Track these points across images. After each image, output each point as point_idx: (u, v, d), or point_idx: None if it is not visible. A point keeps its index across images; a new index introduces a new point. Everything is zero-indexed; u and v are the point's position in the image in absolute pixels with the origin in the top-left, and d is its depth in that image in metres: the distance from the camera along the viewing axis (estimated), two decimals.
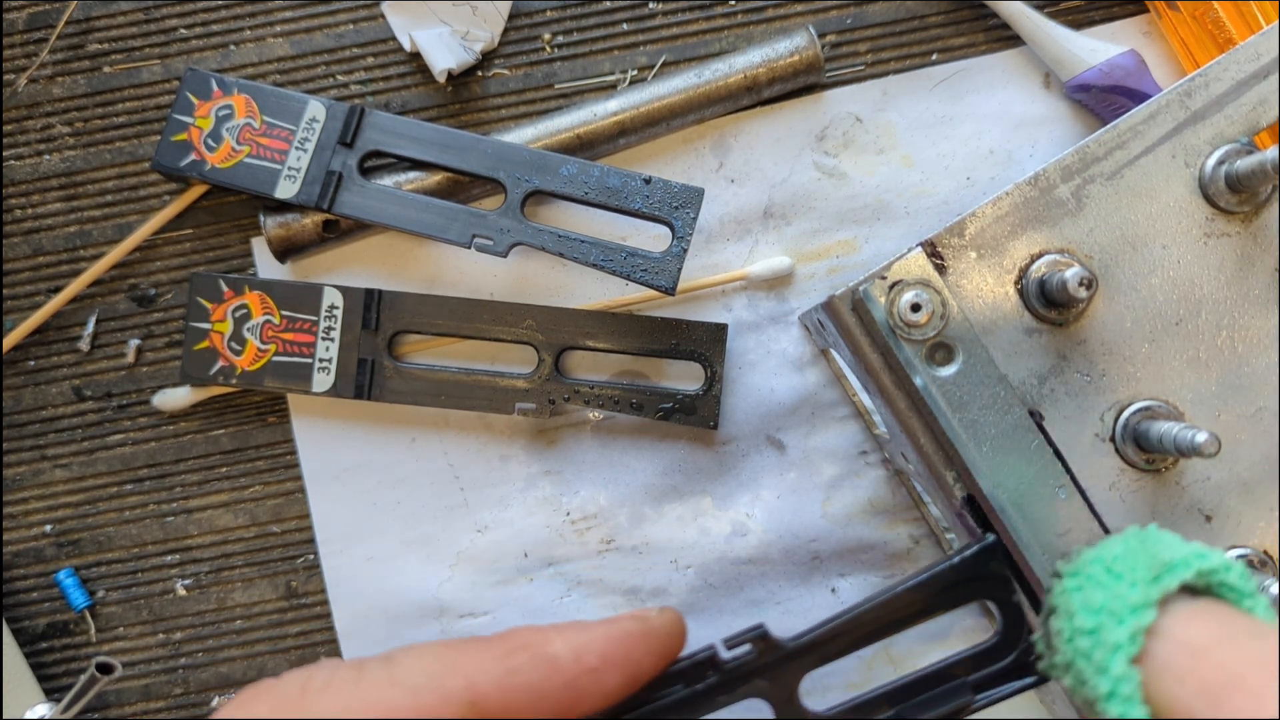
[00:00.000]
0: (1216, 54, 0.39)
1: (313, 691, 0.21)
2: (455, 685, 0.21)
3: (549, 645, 0.22)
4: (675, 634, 0.23)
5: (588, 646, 0.22)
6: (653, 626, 0.22)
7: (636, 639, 0.22)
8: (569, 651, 0.22)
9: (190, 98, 0.40)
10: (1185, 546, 0.23)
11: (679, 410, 0.40)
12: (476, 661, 0.21)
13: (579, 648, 0.22)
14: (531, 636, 0.22)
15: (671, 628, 0.23)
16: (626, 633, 0.22)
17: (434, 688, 0.21)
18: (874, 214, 0.42)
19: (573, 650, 0.22)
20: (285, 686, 0.21)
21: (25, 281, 0.42)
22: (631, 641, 0.22)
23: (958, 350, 0.32)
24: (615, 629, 0.22)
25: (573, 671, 0.21)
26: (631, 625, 0.22)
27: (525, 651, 0.22)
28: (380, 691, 0.21)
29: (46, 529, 0.42)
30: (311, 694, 0.21)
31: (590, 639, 0.22)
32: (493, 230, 0.39)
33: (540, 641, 0.22)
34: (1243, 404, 0.33)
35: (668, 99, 0.40)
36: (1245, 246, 0.33)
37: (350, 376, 0.40)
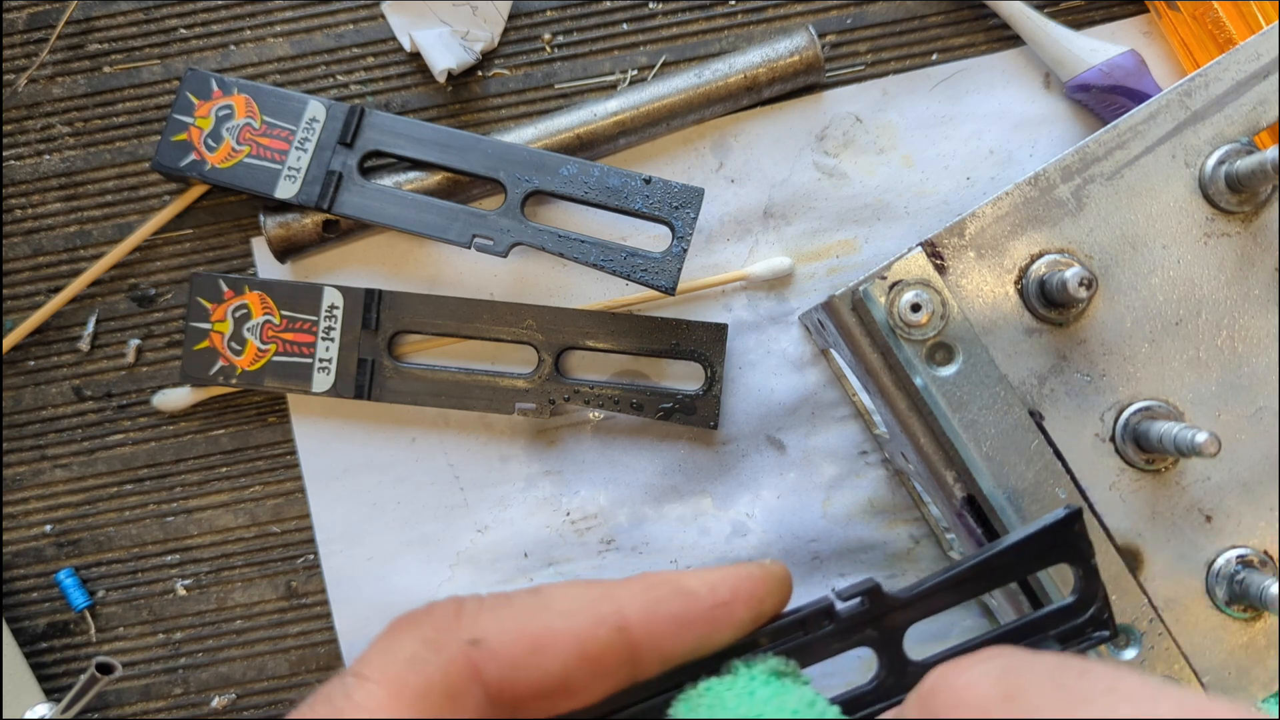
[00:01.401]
0: (1216, 54, 0.39)
1: (469, 613, 0.22)
2: (606, 610, 0.22)
3: (685, 580, 0.23)
4: (787, 581, 0.24)
5: (720, 583, 0.23)
6: (770, 571, 0.24)
7: (760, 580, 0.24)
8: (704, 585, 0.23)
9: (190, 98, 0.40)
10: None
11: (679, 410, 0.40)
12: (621, 590, 0.23)
13: (713, 583, 0.23)
14: (667, 574, 0.23)
15: (785, 575, 0.24)
16: (751, 574, 0.24)
17: (585, 611, 0.22)
18: (874, 214, 0.42)
19: (707, 585, 0.23)
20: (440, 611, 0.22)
21: (25, 281, 0.42)
22: (756, 582, 0.23)
23: (958, 350, 0.32)
24: (743, 570, 0.24)
25: (709, 602, 0.23)
26: (755, 569, 0.24)
27: (665, 585, 0.23)
28: (536, 614, 0.22)
29: (46, 529, 0.42)
30: (469, 615, 0.22)
31: (721, 577, 0.23)
32: (493, 230, 0.39)
33: (677, 578, 0.23)
34: (1243, 404, 0.33)
35: (668, 99, 0.40)
36: (1245, 246, 0.33)
37: (350, 376, 0.40)
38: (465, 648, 0.21)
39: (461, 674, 0.21)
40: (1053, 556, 0.26)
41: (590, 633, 0.22)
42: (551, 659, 0.21)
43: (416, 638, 0.21)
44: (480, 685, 0.21)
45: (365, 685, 0.20)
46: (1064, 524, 0.25)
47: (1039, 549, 0.25)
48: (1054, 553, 0.26)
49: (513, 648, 0.21)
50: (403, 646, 0.21)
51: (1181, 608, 0.32)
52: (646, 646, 0.22)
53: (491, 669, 0.21)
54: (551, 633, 0.22)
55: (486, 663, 0.21)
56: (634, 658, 0.22)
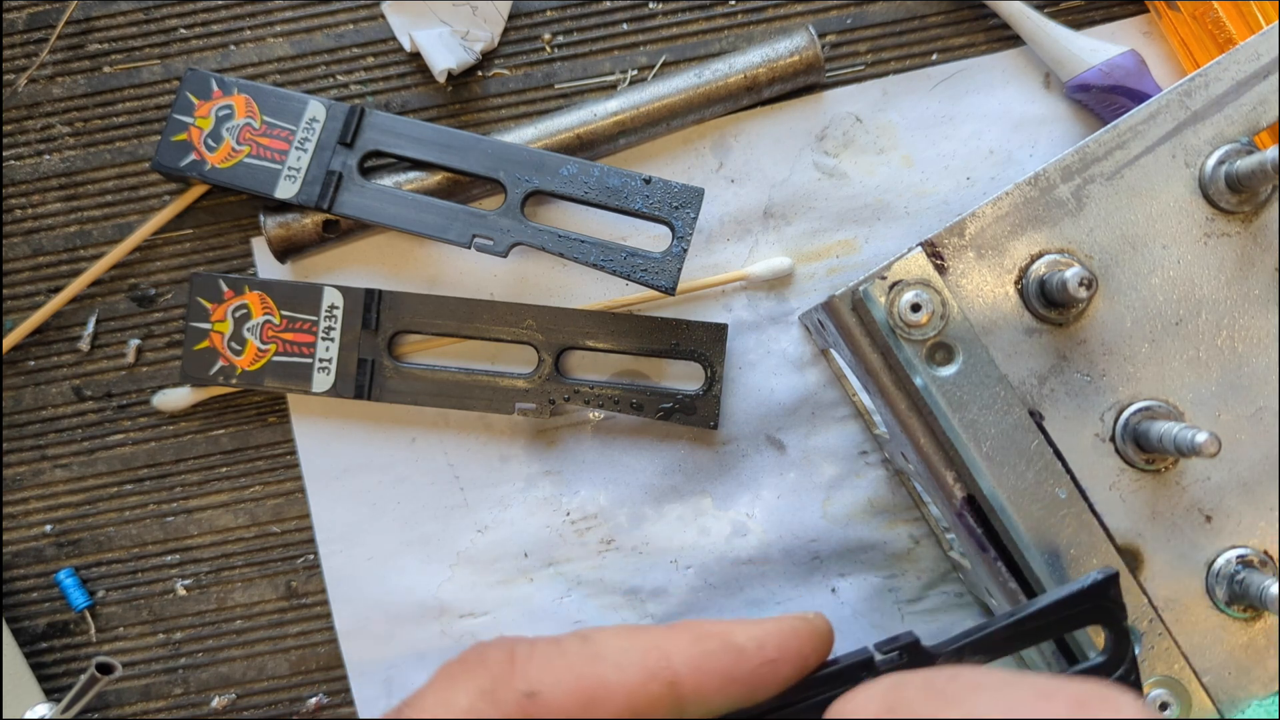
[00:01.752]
0: (1216, 54, 0.39)
1: (522, 662, 0.22)
2: (656, 663, 0.22)
3: (734, 636, 0.23)
4: (830, 636, 0.25)
5: (768, 639, 0.23)
6: (815, 627, 0.24)
7: (805, 637, 0.24)
8: (752, 642, 0.23)
9: (190, 98, 0.40)
10: None
11: (679, 410, 0.40)
12: (671, 643, 0.23)
13: (761, 640, 0.23)
14: (715, 626, 0.24)
15: (827, 631, 0.25)
16: (797, 630, 0.24)
17: (637, 664, 0.22)
18: (874, 214, 0.42)
19: (756, 642, 0.23)
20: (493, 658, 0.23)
21: (25, 281, 0.42)
22: (802, 639, 0.24)
23: (958, 350, 0.32)
24: (788, 625, 0.24)
25: (756, 660, 0.23)
26: (800, 624, 0.24)
27: (715, 639, 0.23)
28: (588, 664, 0.22)
29: (46, 529, 0.42)
30: (521, 665, 0.22)
31: (768, 633, 0.23)
32: (493, 230, 0.39)
33: (726, 632, 0.23)
34: (1243, 404, 0.33)
35: (668, 99, 0.40)
36: (1245, 246, 0.33)
37: (350, 376, 0.40)
38: (522, 700, 0.21)
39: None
40: (1087, 618, 0.26)
41: (641, 687, 0.22)
42: (602, 711, 0.22)
43: (473, 689, 0.22)
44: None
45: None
46: (1101, 587, 0.26)
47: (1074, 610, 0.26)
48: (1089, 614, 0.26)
49: (566, 700, 0.22)
50: (459, 697, 0.22)
51: (1181, 608, 0.32)
52: (692, 700, 0.22)
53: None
54: (605, 686, 0.22)
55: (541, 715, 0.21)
56: (680, 710, 0.22)
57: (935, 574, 0.41)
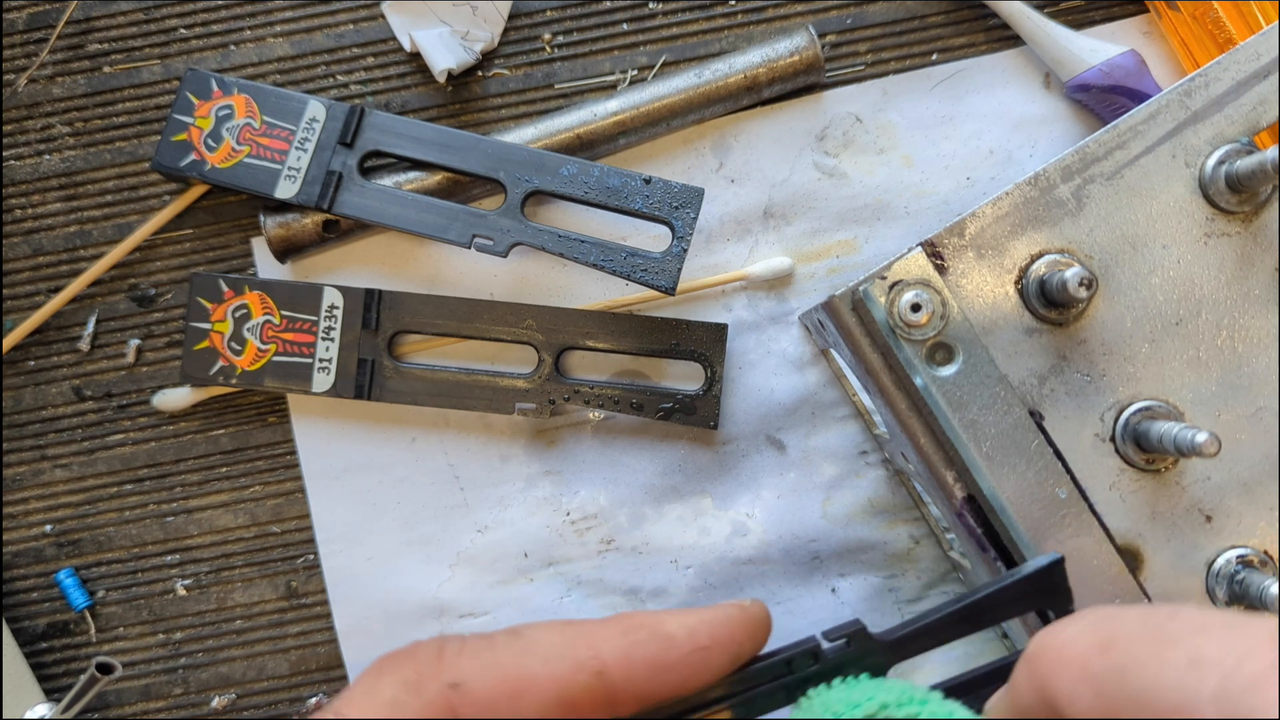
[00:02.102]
0: (1216, 54, 0.39)
1: (450, 655, 0.22)
2: (584, 655, 0.22)
3: (664, 625, 0.23)
4: (767, 623, 0.25)
5: (699, 628, 0.23)
6: (751, 614, 0.24)
7: (739, 624, 0.24)
8: (683, 630, 0.23)
9: (190, 98, 0.40)
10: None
11: (679, 410, 0.40)
12: (600, 635, 0.23)
13: (692, 628, 0.23)
14: (645, 617, 0.24)
15: (765, 616, 0.25)
16: (730, 617, 0.24)
17: (564, 656, 0.22)
18: (874, 214, 0.42)
19: (686, 629, 0.23)
20: (422, 652, 0.23)
21: (25, 281, 0.42)
22: (735, 626, 0.24)
23: (958, 350, 0.32)
24: (721, 614, 0.24)
25: (687, 648, 0.23)
26: (734, 611, 0.24)
27: (644, 629, 0.23)
28: (516, 658, 0.22)
29: (46, 529, 0.42)
30: (449, 658, 0.22)
31: (700, 620, 0.23)
32: (493, 230, 0.39)
33: (656, 622, 0.23)
34: (1243, 404, 0.33)
35: (668, 99, 0.40)
36: (1245, 246, 0.33)
37: (350, 376, 0.40)
38: (445, 690, 0.21)
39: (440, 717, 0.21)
40: (1033, 603, 0.26)
41: (569, 678, 0.22)
42: (529, 703, 0.22)
43: (398, 680, 0.22)
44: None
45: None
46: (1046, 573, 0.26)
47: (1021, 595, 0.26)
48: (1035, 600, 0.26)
49: (491, 692, 0.22)
50: (384, 688, 0.22)
51: None
52: (624, 690, 0.22)
53: (469, 713, 0.21)
54: (530, 678, 0.22)
55: (465, 706, 0.21)
56: (611, 701, 0.22)
57: (935, 574, 0.42)
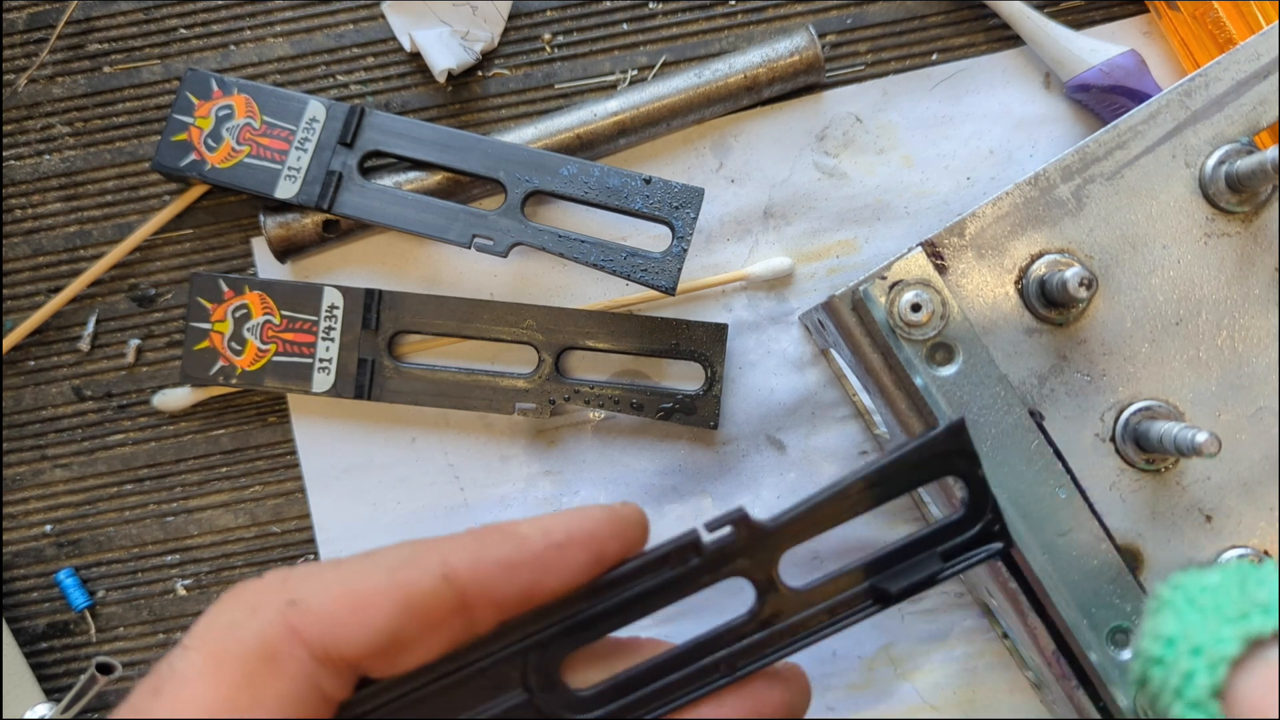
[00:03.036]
0: (1216, 54, 0.39)
1: (294, 578, 0.22)
2: (430, 561, 0.22)
3: (517, 527, 0.23)
4: (638, 523, 0.24)
5: (554, 526, 0.23)
6: (616, 513, 0.24)
7: (601, 522, 0.23)
8: (536, 530, 0.23)
9: (190, 98, 0.40)
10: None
11: (679, 410, 0.40)
12: (449, 542, 0.23)
13: (547, 528, 0.23)
14: (502, 524, 0.23)
15: (634, 516, 0.24)
16: (591, 516, 0.23)
17: (409, 564, 0.22)
18: (874, 214, 0.42)
19: (540, 529, 0.23)
20: (267, 578, 0.22)
21: (25, 281, 0.42)
22: (596, 524, 0.23)
23: (958, 350, 0.32)
24: (580, 513, 0.24)
25: (540, 545, 0.23)
26: (597, 511, 0.24)
27: (495, 532, 0.23)
28: (358, 571, 0.22)
29: (46, 529, 0.42)
30: (293, 580, 0.22)
31: (557, 520, 0.23)
32: (493, 230, 0.39)
33: (510, 525, 0.23)
34: (1243, 404, 0.33)
35: (668, 99, 0.40)
36: (1245, 246, 0.33)
37: (350, 376, 0.40)
38: (283, 609, 0.21)
39: (279, 635, 0.21)
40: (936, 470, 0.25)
41: (413, 583, 0.21)
42: (375, 614, 0.21)
43: (237, 604, 0.22)
44: (302, 646, 0.21)
45: (187, 654, 0.21)
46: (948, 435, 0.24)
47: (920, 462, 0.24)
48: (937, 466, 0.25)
49: (332, 606, 0.21)
50: (223, 614, 0.22)
51: None
52: (475, 594, 0.22)
53: (312, 629, 0.21)
54: (373, 589, 0.21)
55: (306, 623, 0.21)
56: (464, 606, 0.22)
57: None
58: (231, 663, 0.21)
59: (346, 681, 0.22)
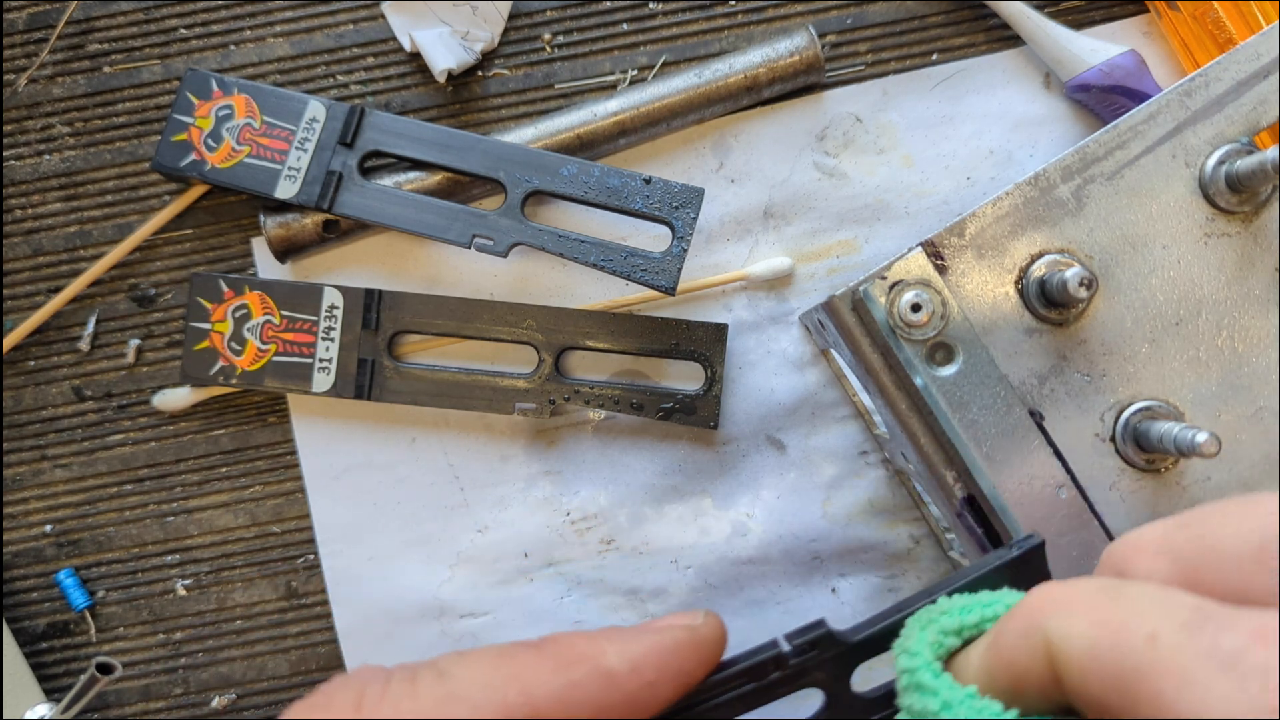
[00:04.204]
0: (1216, 54, 0.39)
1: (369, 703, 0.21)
2: (514, 699, 0.20)
3: (605, 658, 0.21)
4: (720, 642, 0.23)
5: (644, 660, 0.21)
6: (702, 636, 0.22)
7: (689, 650, 0.22)
8: (626, 665, 0.21)
9: (190, 98, 0.40)
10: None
11: (679, 410, 0.40)
12: (533, 673, 0.21)
13: (635, 661, 0.21)
14: (586, 647, 0.22)
15: (717, 636, 0.23)
16: (679, 643, 0.22)
17: (493, 701, 0.20)
18: (874, 214, 0.42)
19: (630, 664, 0.21)
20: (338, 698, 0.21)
21: (25, 281, 0.42)
22: (685, 653, 0.22)
23: (958, 350, 0.32)
24: (668, 640, 0.22)
25: (631, 686, 0.21)
26: (683, 635, 0.22)
27: (583, 665, 0.21)
28: (439, 705, 0.21)
29: (46, 529, 0.42)
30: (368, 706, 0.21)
31: (646, 651, 0.22)
32: (493, 230, 0.39)
33: (596, 654, 0.22)
34: (1243, 404, 0.33)
35: (668, 99, 0.40)
36: (1245, 246, 0.33)
37: (350, 376, 0.40)
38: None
39: None
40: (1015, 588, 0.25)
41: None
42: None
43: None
44: None
45: None
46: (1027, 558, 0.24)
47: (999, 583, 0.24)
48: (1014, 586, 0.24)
49: None
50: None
51: None
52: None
53: None
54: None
55: None
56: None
57: (935, 574, 0.41)
58: None
59: None
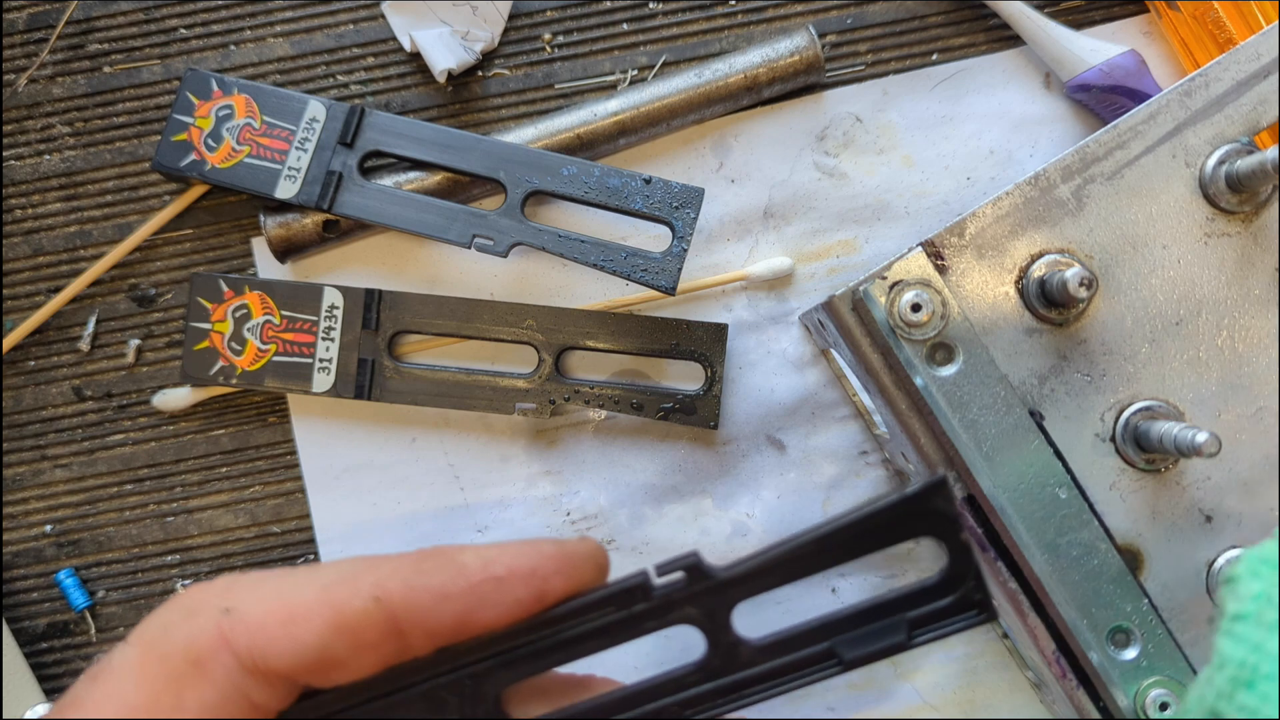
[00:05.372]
0: (1216, 54, 0.39)
1: (237, 587, 0.22)
2: (363, 582, 0.22)
3: (460, 554, 0.23)
4: (591, 561, 0.23)
5: (497, 558, 0.23)
6: (567, 550, 0.23)
7: (548, 558, 0.23)
8: (477, 560, 0.23)
9: (190, 98, 0.40)
10: None
11: (679, 410, 0.40)
12: (390, 564, 0.23)
13: (488, 558, 0.23)
14: (448, 549, 0.23)
15: (587, 553, 0.23)
16: (539, 551, 0.23)
17: (345, 582, 0.22)
18: (874, 214, 0.42)
19: (481, 560, 0.23)
20: (215, 582, 0.23)
21: (25, 281, 0.42)
22: (542, 559, 0.23)
23: (958, 350, 0.32)
24: (528, 546, 0.23)
25: (478, 577, 0.22)
26: (546, 546, 0.23)
27: (436, 558, 0.23)
28: (296, 585, 0.22)
29: (46, 529, 0.42)
30: (236, 589, 0.22)
31: (501, 552, 0.23)
32: (493, 230, 0.39)
33: (454, 551, 0.23)
34: (1243, 404, 0.33)
35: (668, 99, 0.40)
36: (1245, 246, 0.33)
37: (350, 376, 0.40)
38: (217, 616, 0.22)
39: (209, 641, 0.21)
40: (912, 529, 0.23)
41: (344, 602, 0.21)
42: (304, 630, 0.21)
43: (178, 606, 0.22)
44: (231, 654, 0.21)
45: (125, 649, 0.22)
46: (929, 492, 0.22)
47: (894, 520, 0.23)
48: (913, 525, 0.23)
49: (264, 618, 0.21)
50: (164, 614, 0.22)
51: (1181, 608, 0.32)
52: (407, 619, 0.22)
53: (242, 638, 0.21)
54: (305, 604, 0.22)
55: (237, 632, 0.21)
56: (397, 629, 0.22)
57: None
58: (160, 663, 0.21)
59: (281, 693, 0.22)
